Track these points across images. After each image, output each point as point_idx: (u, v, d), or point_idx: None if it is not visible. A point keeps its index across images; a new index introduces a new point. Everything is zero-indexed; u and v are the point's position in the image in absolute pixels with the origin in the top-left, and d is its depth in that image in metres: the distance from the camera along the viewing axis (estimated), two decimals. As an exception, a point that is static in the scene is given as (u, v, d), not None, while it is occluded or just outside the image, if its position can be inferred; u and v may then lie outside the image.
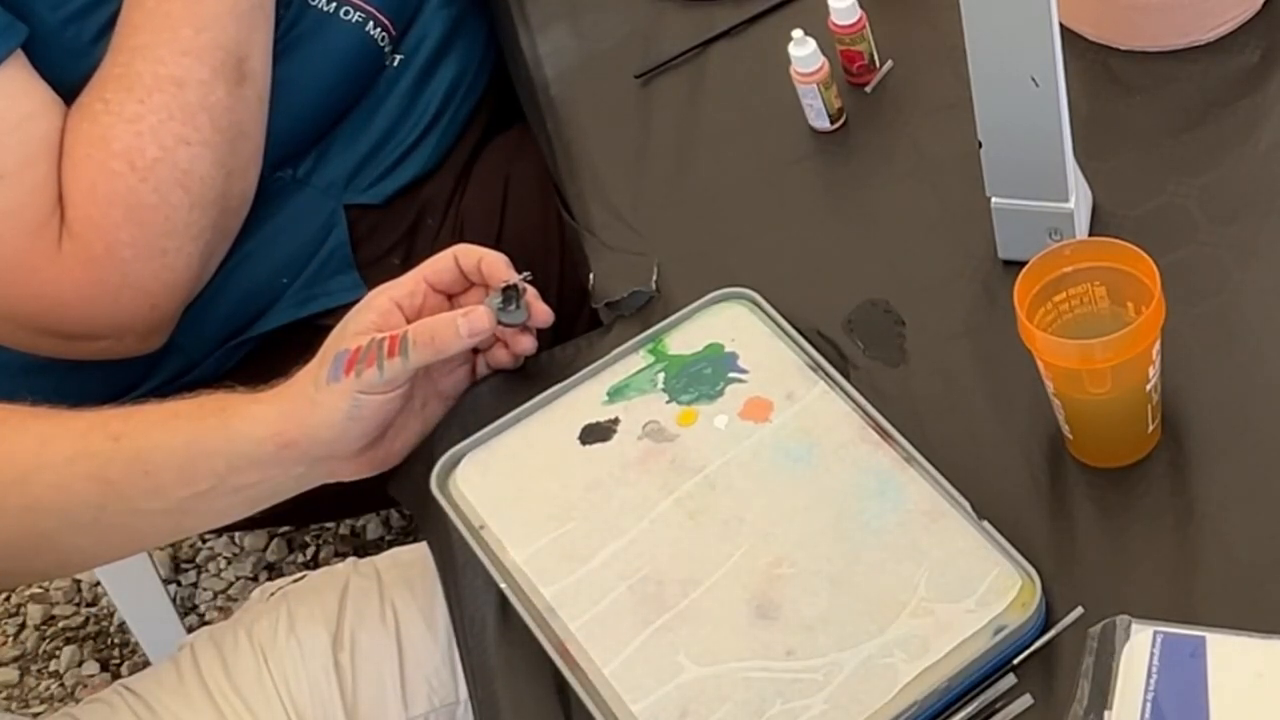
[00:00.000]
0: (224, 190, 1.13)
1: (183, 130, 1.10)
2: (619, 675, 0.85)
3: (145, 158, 1.09)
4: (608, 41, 1.23)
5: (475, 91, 1.34)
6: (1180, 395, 0.90)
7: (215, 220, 1.14)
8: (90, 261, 1.09)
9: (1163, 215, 0.98)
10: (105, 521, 0.96)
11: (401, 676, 1.04)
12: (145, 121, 1.09)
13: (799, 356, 0.97)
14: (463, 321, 0.94)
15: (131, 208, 1.09)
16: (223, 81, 1.11)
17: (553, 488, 0.94)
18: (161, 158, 1.09)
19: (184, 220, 1.11)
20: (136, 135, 1.08)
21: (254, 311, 1.24)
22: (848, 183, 1.08)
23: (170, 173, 1.09)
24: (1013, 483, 0.89)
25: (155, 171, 1.09)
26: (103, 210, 1.08)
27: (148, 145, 1.09)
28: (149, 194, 1.09)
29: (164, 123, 1.09)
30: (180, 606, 1.87)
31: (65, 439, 0.95)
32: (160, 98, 1.09)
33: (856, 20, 1.09)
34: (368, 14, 1.22)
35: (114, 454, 0.94)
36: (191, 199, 1.11)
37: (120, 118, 1.09)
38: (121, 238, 1.09)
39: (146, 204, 1.09)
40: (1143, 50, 1.07)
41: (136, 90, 1.09)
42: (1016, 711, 0.81)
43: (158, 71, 1.09)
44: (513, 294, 0.97)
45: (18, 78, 1.08)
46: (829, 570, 0.86)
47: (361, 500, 1.48)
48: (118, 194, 1.08)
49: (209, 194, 1.12)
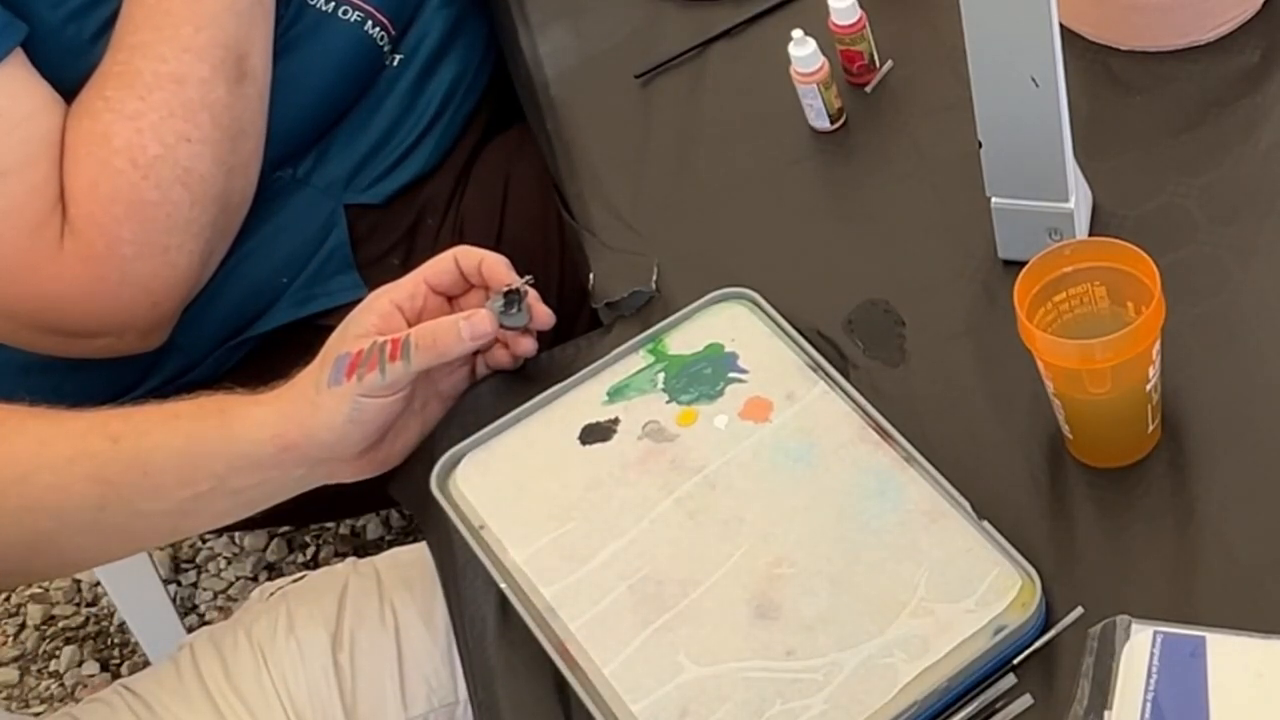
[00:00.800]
0: (225, 188, 1.13)
1: (184, 127, 1.10)
2: (619, 675, 0.85)
3: (146, 155, 1.09)
4: (608, 41, 1.23)
5: (475, 91, 1.34)
6: (1180, 395, 0.90)
7: (216, 218, 1.14)
8: (91, 259, 1.09)
9: (1163, 215, 0.98)
10: (104, 522, 0.96)
11: (400, 677, 1.04)
12: (146, 119, 1.09)
13: (799, 356, 0.97)
14: (465, 325, 0.94)
15: (133, 205, 1.09)
16: (223, 79, 1.11)
17: (553, 488, 0.94)
18: (162, 155, 1.09)
19: (185, 217, 1.11)
20: (137, 132, 1.08)
21: (254, 311, 1.24)
22: (848, 183, 1.08)
23: (171, 170, 1.09)
24: (1013, 483, 0.89)
25: (156, 169, 1.09)
26: (104, 207, 1.08)
27: (149, 142, 1.09)
28: (150, 191, 1.09)
29: (165, 120, 1.09)
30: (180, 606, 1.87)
31: (64, 439, 0.95)
32: (161, 95, 1.09)
33: (856, 20, 1.09)
34: (366, 13, 1.22)
35: (113, 455, 0.94)
36: (192, 196, 1.11)
37: (121, 115, 1.09)
38: (123, 235, 1.09)
39: (148, 201, 1.09)
40: (1143, 50, 1.07)
41: (137, 87, 1.09)
42: (1016, 711, 0.81)
43: (158, 69, 1.09)
44: (515, 297, 0.97)
45: (18, 76, 1.08)
46: (829, 570, 0.86)
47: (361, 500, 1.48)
48: (119, 191, 1.08)
49: (210, 191, 1.12)
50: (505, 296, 0.97)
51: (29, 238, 1.08)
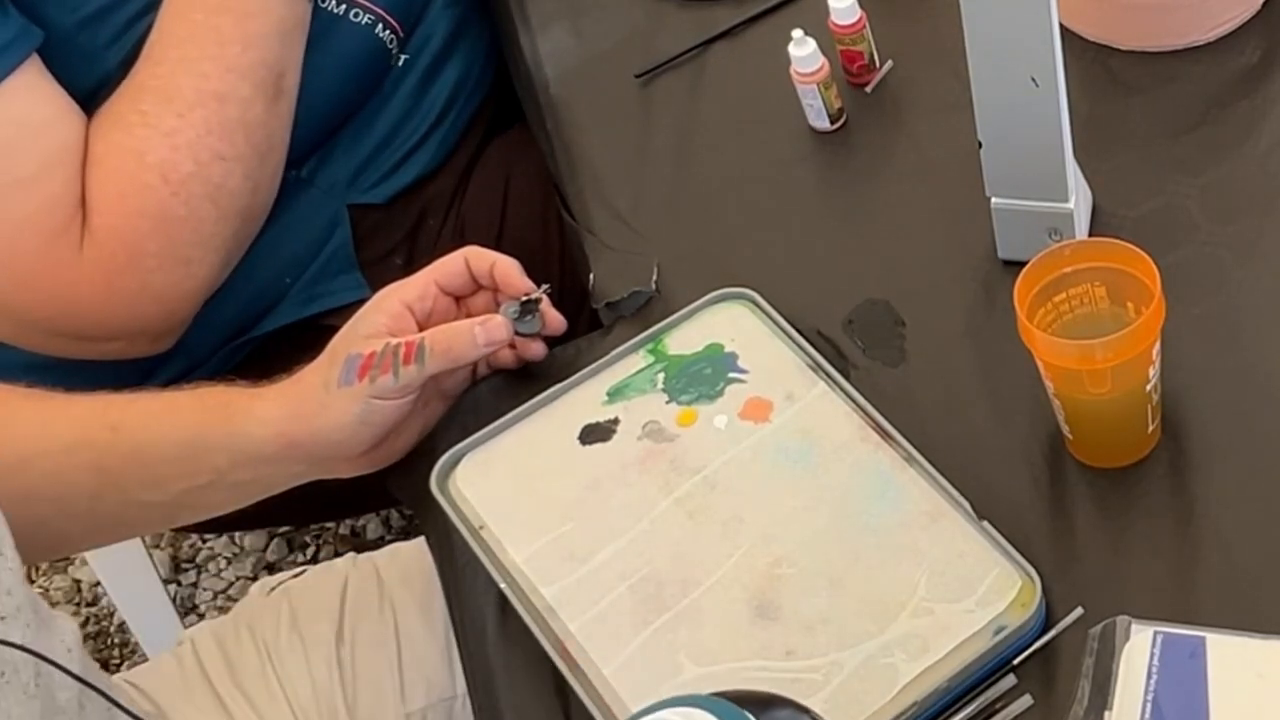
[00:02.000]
0: (249, 203, 1.14)
1: (219, 146, 1.09)
2: (619, 675, 0.85)
3: (179, 172, 1.08)
4: (608, 41, 1.23)
5: (479, 91, 1.34)
6: (1180, 395, 0.90)
7: (238, 230, 1.14)
8: (112, 269, 1.09)
9: (1163, 215, 0.98)
10: (100, 510, 0.95)
11: (399, 671, 1.04)
12: (183, 135, 1.08)
13: (799, 356, 0.97)
14: (480, 331, 0.94)
15: (160, 220, 1.08)
16: (262, 98, 1.11)
17: (553, 488, 0.94)
18: (195, 173, 1.08)
19: (209, 232, 1.11)
20: (173, 149, 1.08)
21: (257, 311, 1.24)
22: (848, 183, 1.08)
23: (202, 187, 1.09)
24: (1013, 483, 0.89)
25: (187, 186, 1.08)
26: (131, 221, 1.08)
27: (183, 160, 1.08)
28: (179, 207, 1.09)
29: (201, 138, 1.08)
30: (180, 606, 1.87)
31: (64, 426, 0.95)
32: (201, 113, 1.08)
33: (856, 20, 1.09)
34: (377, 16, 1.22)
35: (112, 445, 0.94)
36: (219, 212, 1.11)
37: (157, 130, 1.08)
38: (147, 248, 1.09)
39: (175, 217, 1.09)
40: (1143, 50, 1.07)
41: (176, 103, 1.08)
42: (1016, 711, 0.81)
43: (201, 86, 1.08)
44: (532, 306, 0.98)
45: (35, 84, 1.07)
46: (829, 570, 0.86)
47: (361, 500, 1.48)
48: (147, 206, 1.08)
49: (236, 206, 1.12)
50: (522, 305, 0.97)
51: (47, 245, 1.07)
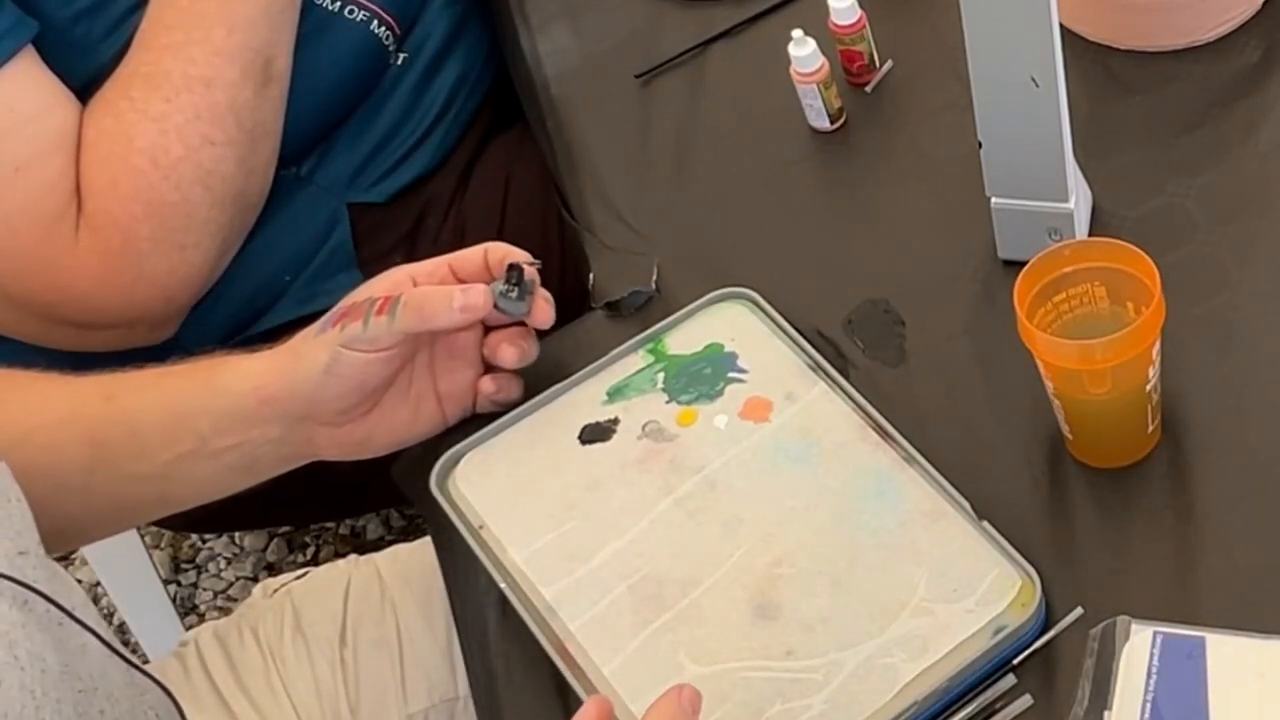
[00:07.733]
0: (244, 188, 1.14)
1: (209, 130, 1.10)
2: (619, 675, 0.85)
3: (169, 156, 1.09)
4: (608, 41, 1.23)
5: (479, 90, 1.34)
6: (1180, 395, 0.90)
7: (234, 217, 1.14)
8: (107, 255, 1.09)
9: (1163, 215, 0.98)
10: (94, 486, 0.95)
11: (401, 672, 1.04)
12: (171, 120, 1.09)
13: (799, 356, 0.97)
14: (458, 294, 0.92)
15: (152, 204, 1.09)
16: (250, 82, 1.11)
17: (553, 488, 0.94)
18: (185, 157, 1.09)
19: (203, 217, 1.12)
20: (161, 134, 1.09)
21: (256, 309, 1.24)
22: (848, 183, 1.08)
23: (194, 172, 1.10)
24: (1013, 483, 0.89)
25: (178, 170, 1.09)
26: (123, 206, 1.09)
27: (172, 144, 1.09)
28: (170, 191, 1.09)
29: (190, 122, 1.09)
30: (180, 606, 1.87)
31: (62, 398, 0.96)
32: (188, 97, 1.09)
33: (856, 20, 1.09)
34: (372, 13, 1.22)
35: (104, 414, 0.95)
36: (213, 197, 1.11)
37: (146, 115, 1.09)
38: (140, 233, 1.09)
39: (167, 201, 1.09)
40: (1143, 50, 1.07)
41: (164, 89, 1.09)
42: (1016, 711, 0.81)
43: (188, 71, 1.09)
44: (515, 276, 0.95)
45: (30, 72, 1.08)
46: (829, 570, 0.86)
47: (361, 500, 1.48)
48: (139, 191, 1.09)
49: (229, 192, 1.12)
50: (507, 275, 0.96)
51: (44, 231, 1.08)
